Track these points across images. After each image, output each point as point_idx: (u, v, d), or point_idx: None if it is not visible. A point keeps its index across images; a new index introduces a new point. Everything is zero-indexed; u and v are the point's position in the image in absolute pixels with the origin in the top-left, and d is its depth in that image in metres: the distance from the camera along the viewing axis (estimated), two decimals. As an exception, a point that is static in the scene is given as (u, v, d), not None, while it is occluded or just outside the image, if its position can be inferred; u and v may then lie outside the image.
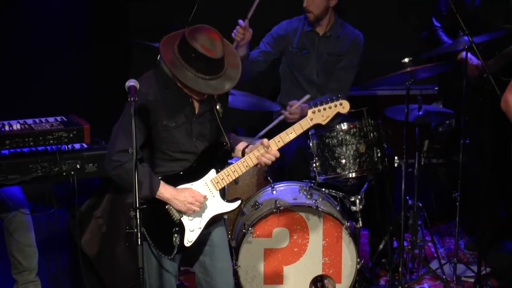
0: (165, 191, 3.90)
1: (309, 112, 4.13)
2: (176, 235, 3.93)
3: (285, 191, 5.09)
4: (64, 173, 4.59)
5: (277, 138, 4.05)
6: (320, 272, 4.93)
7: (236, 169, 4.01)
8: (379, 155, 5.04)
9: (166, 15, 6.48)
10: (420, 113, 5.23)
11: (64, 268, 5.01)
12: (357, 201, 5.00)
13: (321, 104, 4.16)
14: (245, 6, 6.64)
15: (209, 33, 3.78)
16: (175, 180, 3.95)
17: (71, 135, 4.59)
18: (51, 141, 4.56)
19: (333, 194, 5.10)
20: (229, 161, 4.13)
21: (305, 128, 4.12)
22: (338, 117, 5.73)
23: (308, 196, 4.99)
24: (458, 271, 5.40)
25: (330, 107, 4.15)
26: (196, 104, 3.96)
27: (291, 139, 4.07)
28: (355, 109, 5.34)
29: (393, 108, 5.34)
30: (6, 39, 6.12)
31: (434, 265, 5.48)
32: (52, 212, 4.74)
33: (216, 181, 4.00)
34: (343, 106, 4.18)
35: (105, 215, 4.90)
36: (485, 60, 5.20)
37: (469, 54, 5.23)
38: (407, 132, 5.12)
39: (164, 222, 3.95)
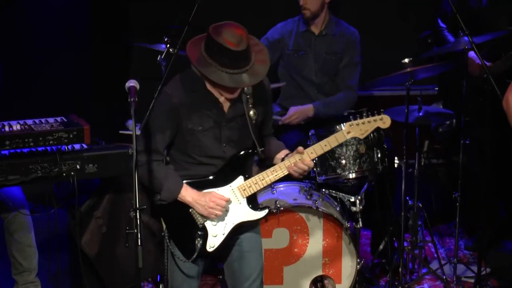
0: (186, 194, 3.88)
1: (346, 125, 4.03)
2: (198, 239, 3.90)
3: (285, 191, 5.09)
4: (64, 174, 4.58)
5: (310, 149, 3.96)
6: (320, 273, 4.93)
7: (265, 177, 3.94)
8: (379, 155, 5.04)
9: (166, 15, 6.47)
10: (420, 114, 5.23)
11: (64, 268, 5.01)
12: (357, 201, 5.00)
13: (361, 118, 4.06)
14: (245, 6, 6.66)
15: (233, 28, 3.74)
16: (201, 185, 3.92)
17: (71, 136, 4.58)
18: (51, 142, 4.55)
19: (333, 194, 5.10)
20: None
21: (340, 141, 4.02)
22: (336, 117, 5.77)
23: (308, 197, 4.99)
24: (458, 271, 5.40)
25: (369, 121, 4.04)
26: (226, 108, 3.91)
27: (325, 151, 3.99)
28: (355, 110, 5.35)
29: (392, 109, 5.34)
30: (6, 39, 6.12)
31: (434, 265, 5.48)
32: (52, 213, 4.73)
33: (243, 188, 3.94)
34: (384, 121, 4.06)
35: (105, 215, 4.89)
36: (491, 62, 5.20)
37: (473, 54, 5.22)
38: (407, 133, 5.12)
39: (188, 225, 3.93)
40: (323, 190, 5.08)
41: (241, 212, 3.96)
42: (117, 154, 4.66)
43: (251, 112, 3.90)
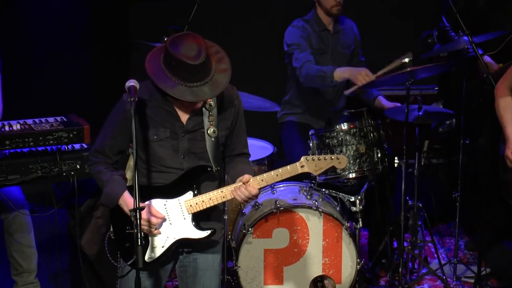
0: (123, 203, 3.79)
1: (302, 158, 3.88)
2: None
3: (285, 191, 5.09)
4: (64, 174, 4.59)
5: (261, 176, 3.83)
6: (320, 273, 4.93)
7: (212, 197, 3.81)
8: (379, 155, 5.04)
9: (166, 15, 6.48)
10: (420, 113, 5.23)
11: (64, 268, 5.01)
12: (357, 201, 5.00)
13: (318, 154, 3.92)
14: (244, 6, 6.66)
15: (191, 40, 3.65)
16: (152, 192, 3.83)
17: (71, 135, 4.59)
18: (51, 141, 4.56)
19: (333, 194, 5.11)
20: None
21: (292, 174, 3.87)
22: (340, 119, 5.76)
23: (308, 197, 4.99)
24: (458, 271, 5.40)
25: (325, 159, 3.88)
26: (185, 120, 3.82)
27: (275, 181, 3.88)
28: (355, 109, 5.35)
29: (392, 109, 5.34)
30: (6, 39, 6.12)
31: (434, 265, 5.48)
32: (52, 213, 4.74)
33: (190, 204, 3.81)
34: (340, 161, 3.90)
35: (105, 215, 4.89)
36: (503, 63, 5.21)
37: (488, 58, 5.23)
38: (407, 132, 5.12)
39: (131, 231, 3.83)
40: (323, 190, 5.08)
41: (184, 228, 3.84)
42: (116, 154, 4.66)
43: (210, 130, 3.81)
